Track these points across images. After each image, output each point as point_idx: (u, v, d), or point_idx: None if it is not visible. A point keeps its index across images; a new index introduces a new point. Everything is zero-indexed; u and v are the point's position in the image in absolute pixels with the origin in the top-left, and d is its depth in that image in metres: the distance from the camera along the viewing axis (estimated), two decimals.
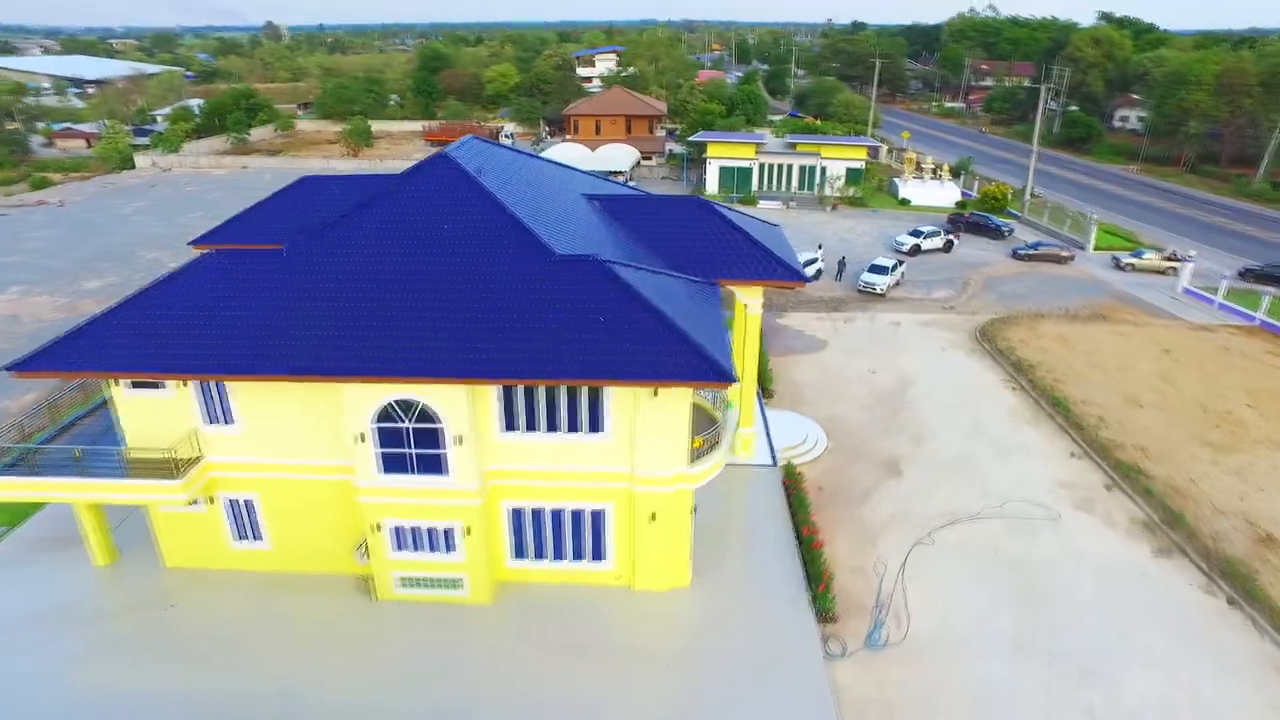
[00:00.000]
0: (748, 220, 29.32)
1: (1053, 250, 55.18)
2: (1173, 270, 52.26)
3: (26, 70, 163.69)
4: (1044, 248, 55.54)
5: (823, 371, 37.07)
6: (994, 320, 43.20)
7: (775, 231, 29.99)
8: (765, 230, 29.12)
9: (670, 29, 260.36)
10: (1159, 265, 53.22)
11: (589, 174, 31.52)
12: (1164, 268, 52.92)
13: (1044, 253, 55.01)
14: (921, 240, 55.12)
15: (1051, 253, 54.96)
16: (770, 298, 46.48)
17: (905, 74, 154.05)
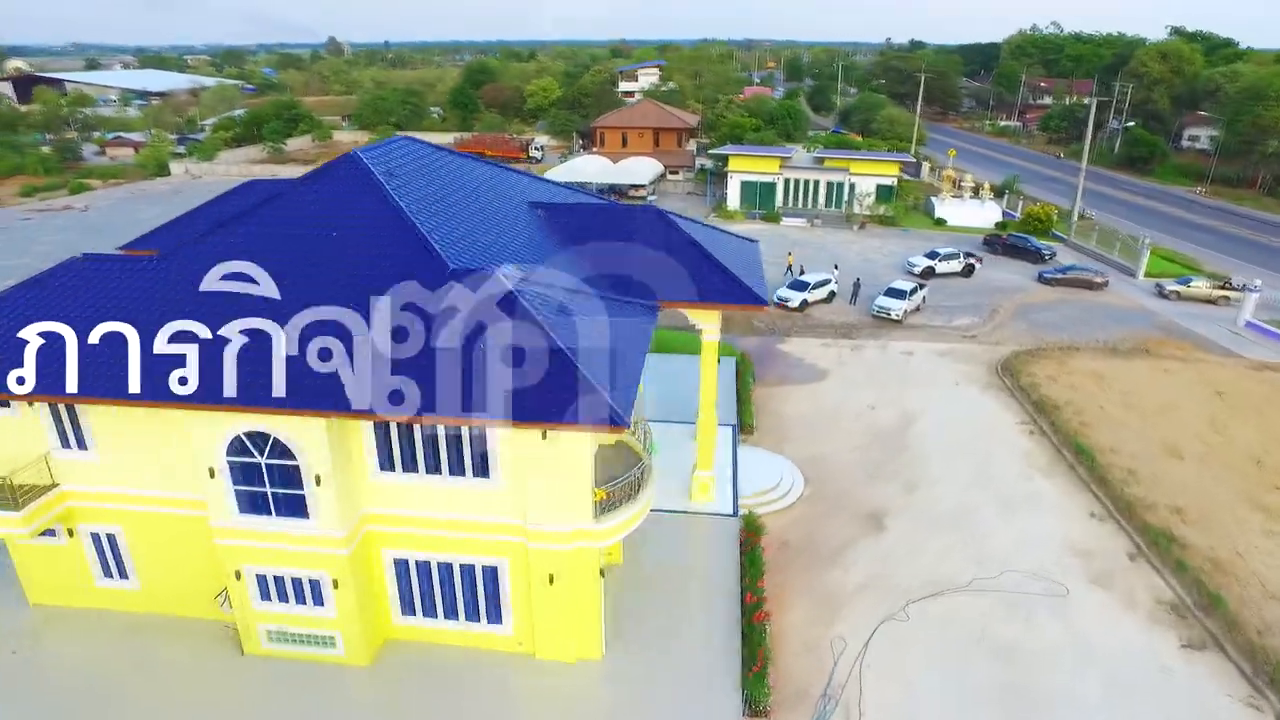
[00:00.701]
0: (717, 236, 26.14)
1: (1084, 275, 50.33)
2: (1225, 300, 46.80)
3: (99, 84, 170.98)
4: (1074, 272, 50.78)
5: (816, 405, 33.32)
6: (1019, 352, 38.69)
7: (748, 249, 26.70)
8: (735, 247, 25.86)
9: (725, 46, 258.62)
10: (1209, 294, 47.85)
11: (566, 185, 29.04)
12: (1215, 296, 47.55)
13: (1073, 277, 50.24)
14: (937, 262, 50.66)
15: (1083, 278, 50.07)
16: (773, 321, 42.95)
17: (958, 92, 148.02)
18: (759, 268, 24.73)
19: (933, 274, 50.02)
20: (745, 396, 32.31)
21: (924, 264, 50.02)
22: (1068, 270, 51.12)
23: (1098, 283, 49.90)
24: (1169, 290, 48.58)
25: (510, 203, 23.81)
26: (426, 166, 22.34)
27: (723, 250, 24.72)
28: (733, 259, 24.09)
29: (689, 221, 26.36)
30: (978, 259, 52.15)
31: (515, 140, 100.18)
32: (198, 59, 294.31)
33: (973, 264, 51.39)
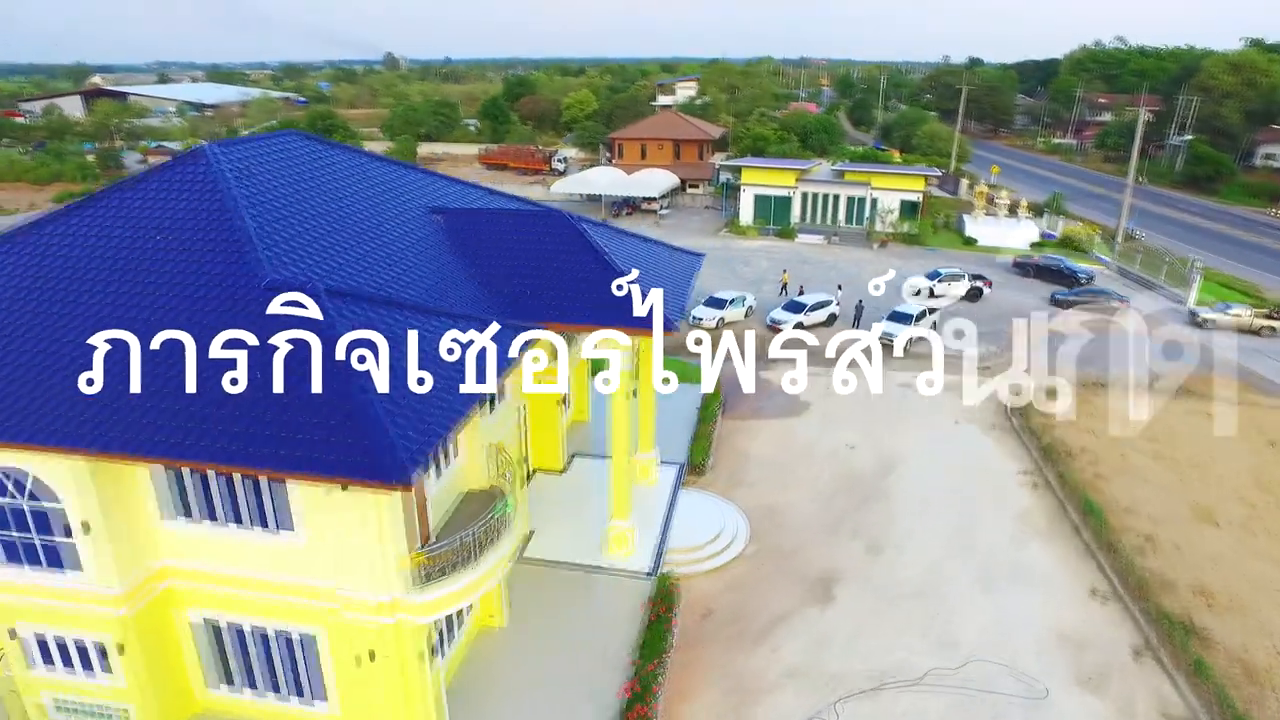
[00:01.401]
0: (648, 250, 22.75)
1: (1099, 298, 45.54)
2: (1271, 330, 41.28)
3: (157, 96, 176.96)
4: (1089, 294, 46.04)
5: (787, 443, 29.44)
6: (1035, 388, 34.01)
7: (684, 265, 23.32)
8: (665, 262, 22.48)
9: (775, 63, 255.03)
10: (1250, 323, 42.37)
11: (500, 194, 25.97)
12: (1258, 326, 42.18)
13: (1088, 300, 45.42)
14: (936, 284, 45.92)
15: (1098, 300, 45.19)
16: (762, 346, 39.04)
17: (1011, 108, 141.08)
18: (685, 287, 21.25)
19: (933, 296, 45.44)
20: (703, 431, 28.63)
21: (924, 285, 45.44)
22: (1082, 292, 46.31)
23: (1115, 306, 44.89)
24: (1203, 317, 43.28)
25: (406, 208, 20.92)
26: (304, 166, 19.56)
27: (649, 264, 21.38)
28: (655, 275, 20.71)
29: (618, 232, 23.14)
30: (986, 282, 47.15)
31: (539, 152, 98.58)
32: (259, 74, 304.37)
33: (979, 288, 46.50)
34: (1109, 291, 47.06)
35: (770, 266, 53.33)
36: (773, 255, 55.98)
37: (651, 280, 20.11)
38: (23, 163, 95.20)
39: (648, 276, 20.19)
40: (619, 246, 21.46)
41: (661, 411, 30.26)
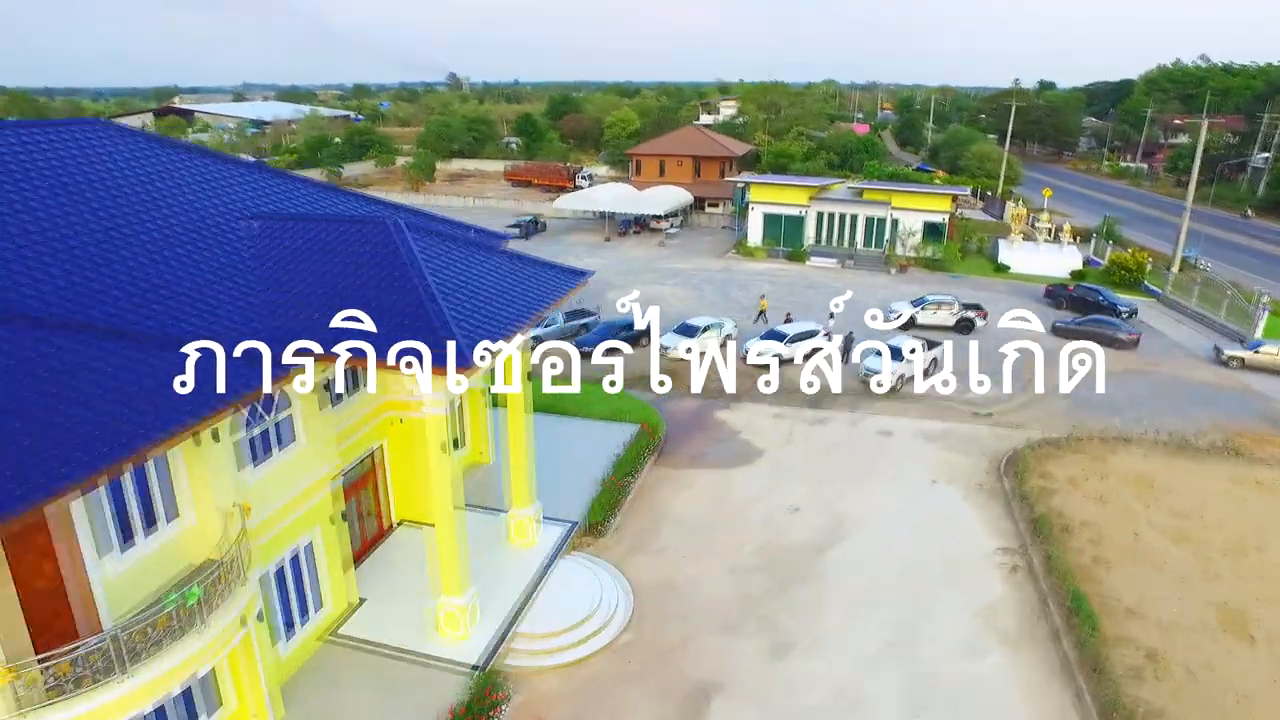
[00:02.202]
0: (491, 267, 18.66)
1: (1104, 327, 39.60)
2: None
3: (219, 113, 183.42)
4: (1092, 323, 40.20)
5: (720, 500, 24.73)
6: (1042, 441, 28.40)
7: (547, 283, 19.14)
8: (516, 281, 18.39)
9: (835, 86, 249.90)
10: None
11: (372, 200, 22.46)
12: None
13: (1090, 329, 39.44)
14: (920, 311, 40.51)
15: (1104, 332, 39.08)
16: (713, 382, 34.45)
17: (1075, 130, 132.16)
18: (522, 313, 17.05)
19: (914, 324, 40.26)
20: (614, 482, 24.19)
21: (907, 312, 40.51)
22: (1085, 321, 40.57)
23: (1123, 339, 38.77)
24: (1228, 355, 36.80)
25: (212, 214, 17.46)
26: (81, 162, 16.30)
27: (490, 285, 17.38)
28: (489, 297, 16.68)
29: (470, 245, 19.20)
30: (980, 312, 41.16)
31: (564, 169, 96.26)
32: (329, 94, 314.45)
33: (970, 318, 40.59)
34: (1116, 323, 40.84)
35: (774, 291, 48.56)
36: (777, 279, 51.21)
37: (474, 303, 16.08)
38: None
39: (470, 299, 16.17)
40: (460, 263, 17.51)
41: (579, 454, 26.18)
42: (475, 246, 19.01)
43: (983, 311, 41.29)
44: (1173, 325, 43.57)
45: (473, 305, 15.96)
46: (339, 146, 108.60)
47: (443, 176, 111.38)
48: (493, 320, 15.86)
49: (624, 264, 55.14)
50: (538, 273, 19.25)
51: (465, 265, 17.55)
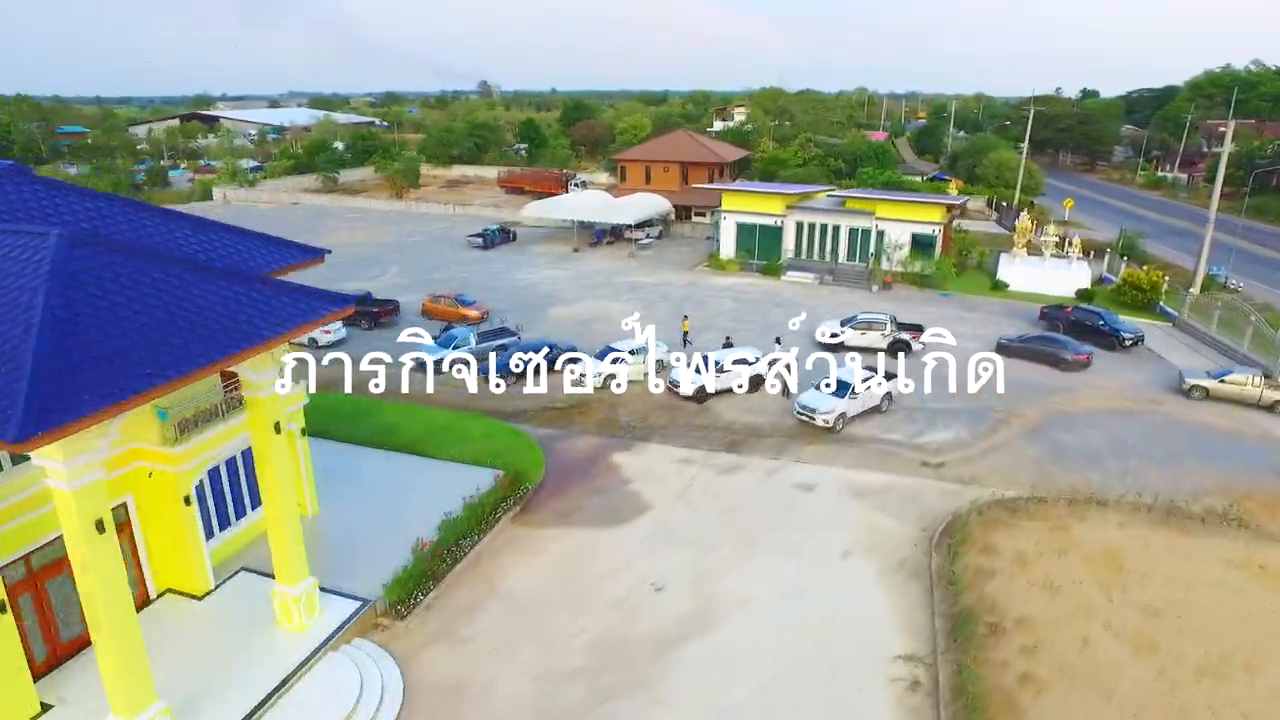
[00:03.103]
0: (196, 292, 14.49)
1: (1050, 348, 35.50)
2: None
3: (242, 119, 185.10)
4: (1038, 341, 36.26)
5: (574, 571, 20.18)
6: (995, 502, 23.27)
7: (281, 313, 14.92)
8: (223, 310, 14.18)
9: (866, 93, 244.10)
10: (1259, 395, 31.02)
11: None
12: (1271, 400, 30.82)
13: (1035, 349, 35.77)
14: (846, 332, 36.30)
15: (1049, 351, 35.38)
16: (645, 414, 29.89)
17: (1108, 139, 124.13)
18: (165, 370, 12.72)
19: (843, 347, 35.80)
20: (434, 550, 19.78)
21: (841, 333, 36.45)
22: (1032, 340, 36.53)
23: (1069, 360, 34.67)
24: (1191, 384, 32.04)
25: None
26: None
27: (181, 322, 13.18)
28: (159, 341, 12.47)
29: (191, 275, 15.04)
30: (915, 335, 36.33)
31: (559, 176, 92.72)
32: (357, 101, 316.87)
33: (905, 340, 35.87)
34: (1064, 341, 36.21)
35: (734, 309, 43.88)
36: (743, 296, 46.41)
37: (119, 348, 11.87)
38: (66, 177, 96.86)
39: (119, 343, 11.97)
40: (144, 294, 13.34)
41: (416, 507, 21.83)
42: (200, 272, 14.82)
43: (917, 334, 36.37)
44: (1185, 355, 37.70)
45: (111, 353, 11.73)
46: (336, 153, 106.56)
47: (441, 182, 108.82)
48: (119, 374, 11.59)
49: (583, 277, 50.90)
50: (273, 304, 14.95)
51: (152, 296, 13.38)
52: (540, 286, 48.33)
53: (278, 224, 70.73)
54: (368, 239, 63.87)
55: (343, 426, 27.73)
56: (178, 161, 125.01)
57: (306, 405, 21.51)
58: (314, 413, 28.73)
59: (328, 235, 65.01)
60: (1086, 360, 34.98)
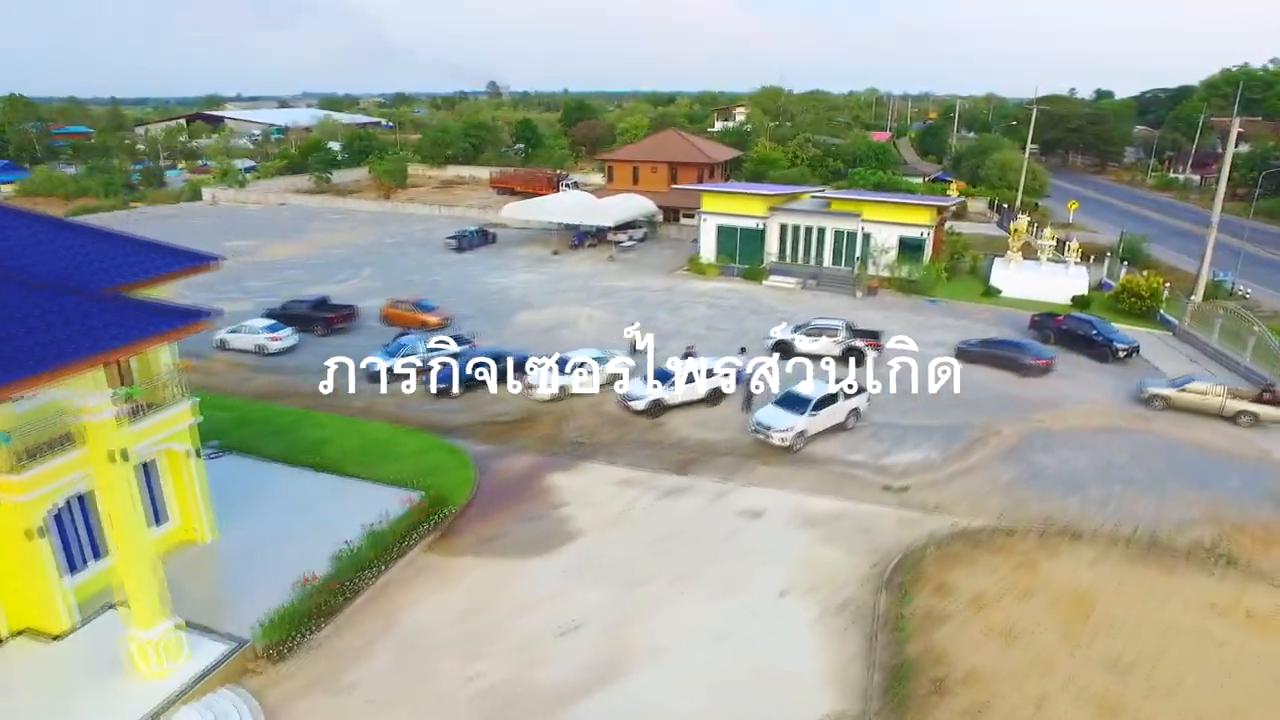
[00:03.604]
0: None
1: (1009, 353, 34.05)
2: (1250, 418, 28.66)
3: (245, 119, 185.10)
4: (997, 347, 34.59)
5: (482, 609, 18.32)
6: (958, 534, 21.21)
7: (87, 334, 13.13)
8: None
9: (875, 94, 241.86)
10: (1221, 405, 29.18)
11: None
12: (1233, 411, 28.96)
13: (993, 353, 34.26)
14: (797, 338, 34.46)
15: (1009, 355, 33.94)
16: (594, 429, 28.04)
17: (1119, 140, 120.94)
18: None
19: (791, 354, 34.06)
20: (328, 584, 17.97)
21: (792, 339, 34.67)
22: (991, 344, 34.91)
23: (1030, 364, 33.11)
24: (1150, 393, 30.33)
25: None
26: None
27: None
28: None
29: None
30: (871, 342, 34.22)
31: (548, 176, 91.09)
32: (367, 102, 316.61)
33: (860, 348, 33.71)
34: (1024, 345, 34.69)
35: (709, 316, 41.93)
36: (719, 302, 44.44)
37: None
38: (60, 178, 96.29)
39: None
40: None
41: (320, 534, 20.03)
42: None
43: (876, 342, 34.33)
44: (1183, 367, 35.35)
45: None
46: (330, 153, 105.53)
47: (436, 183, 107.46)
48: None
49: (557, 281, 49.08)
50: (89, 321, 13.16)
51: None
52: (511, 291, 46.55)
53: (259, 224, 69.54)
54: (347, 240, 62.38)
55: (272, 441, 26.06)
56: (175, 162, 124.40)
57: (199, 423, 19.73)
58: (243, 426, 27.28)
59: (308, 236, 63.65)
60: (1048, 365, 33.23)
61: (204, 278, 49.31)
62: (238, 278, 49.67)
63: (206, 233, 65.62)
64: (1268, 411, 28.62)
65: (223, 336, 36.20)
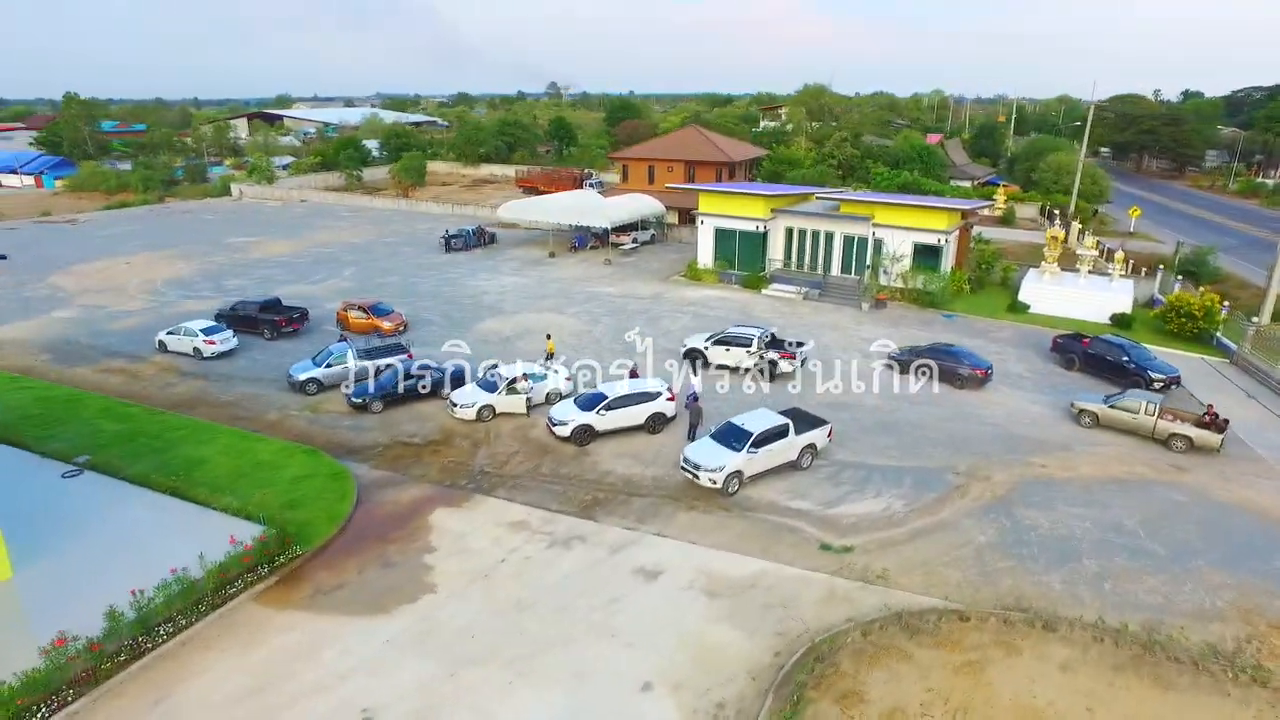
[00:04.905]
0: None
1: (945, 362, 30.68)
2: (1184, 442, 24.83)
3: (301, 118, 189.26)
4: (931, 354, 31.24)
5: (265, 685, 15.04)
6: (891, 617, 16.84)
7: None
8: None
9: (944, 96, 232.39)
10: (1152, 426, 25.73)
11: None
12: (1166, 434, 25.27)
13: (930, 363, 30.93)
14: (710, 347, 31.42)
15: (944, 364, 30.62)
16: (506, 459, 24.61)
17: (1198, 142, 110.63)
18: None
19: (705, 365, 31.35)
20: (91, 645, 14.92)
21: (703, 347, 31.78)
22: (926, 352, 31.50)
23: (966, 375, 30.09)
24: (1079, 408, 27.44)
25: None
26: None
27: None
28: None
29: None
30: (786, 354, 30.61)
31: (573, 175, 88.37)
32: (427, 102, 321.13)
33: (773, 360, 30.35)
34: (959, 352, 31.22)
35: (691, 327, 37.92)
36: (706, 311, 40.33)
37: None
38: (104, 173, 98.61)
39: None
40: None
41: (149, 564, 17.04)
42: None
43: (790, 353, 30.73)
44: (1240, 403, 29.69)
45: None
46: (361, 150, 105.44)
47: (468, 181, 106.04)
48: None
49: (540, 285, 45.79)
50: None
51: None
52: (487, 296, 43.48)
53: (268, 221, 68.53)
54: (343, 239, 60.57)
55: (146, 459, 23.52)
56: (223, 158, 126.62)
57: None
58: (129, 440, 24.79)
59: (308, 234, 62.14)
60: (985, 375, 30.23)
61: (180, 274, 47.90)
62: (217, 276, 48.17)
63: (212, 228, 64.98)
64: (1202, 436, 25.01)
65: (161, 338, 34.20)
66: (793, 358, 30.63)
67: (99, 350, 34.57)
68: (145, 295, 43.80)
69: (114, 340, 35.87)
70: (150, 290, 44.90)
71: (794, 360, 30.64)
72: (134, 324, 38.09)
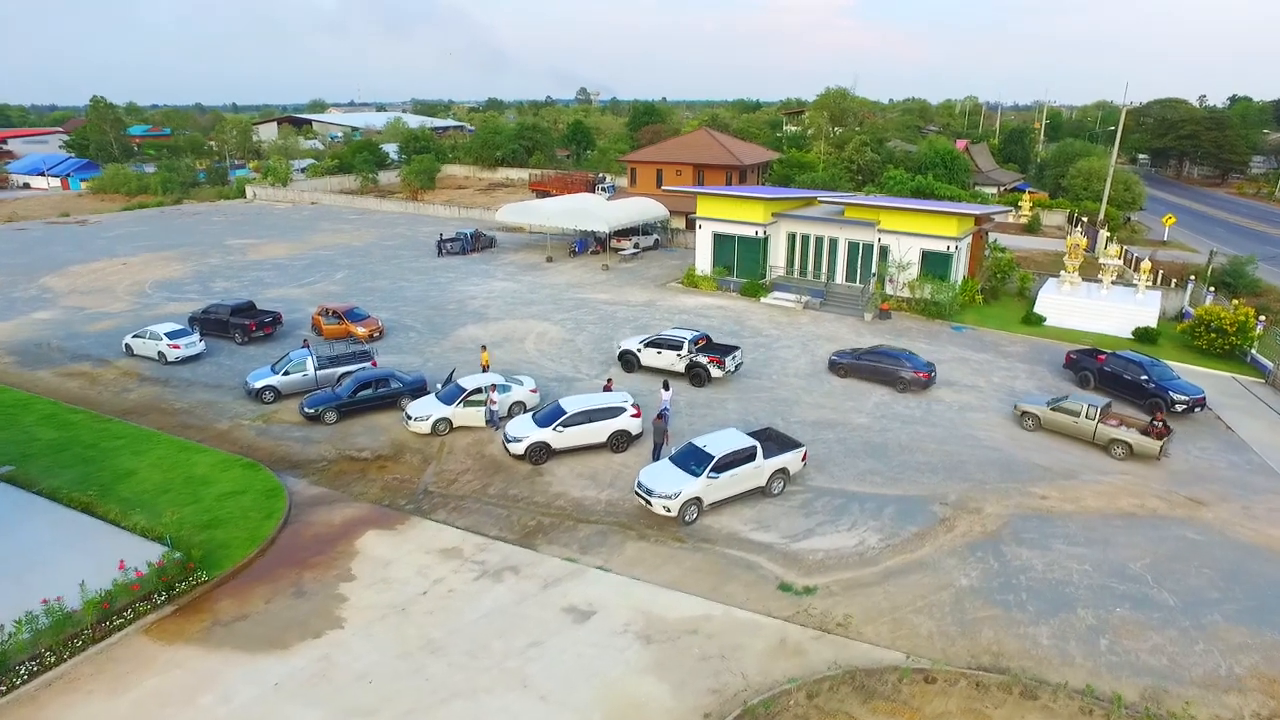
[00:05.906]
0: None
1: (886, 366, 29.77)
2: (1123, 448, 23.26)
3: (328, 122, 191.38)
4: (871, 357, 30.42)
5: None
6: (842, 676, 14.71)
7: None
8: None
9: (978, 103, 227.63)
10: (1092, 430, 24.46)
11: None
12: (1107, 439, 23.91)
13: (870, 366, 30.12)
14: (642, 349, 30.53)
15: (885, 368, 29.75)
16: (453, 479, 22.89)
17: (1243, 147, 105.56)
18: None
19: (636, 365, 30.69)
20: None
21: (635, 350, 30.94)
22: (866, 355, 30.62)
23: (907, 379, 29.11)
24: (1021, 410, 26.61)
25: None
26: None
27: None
28: None
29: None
30: (715, 359, 29.48)
31: (587, 179, 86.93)
32: (457, 107, 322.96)
33: (702, 365, 29.32)
34: (900, 356, 29.96)
35: None
36: (699, 322, 38.12)
37: None
38: (126, 175, 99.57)
39: None
40: None
41: (32, 587, 15.53)
42: None
43: (719, 358, 29.39)
44: (1271, 426, 26.91)
45: None
46: (376, 154, 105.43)
47: (484, 185, 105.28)
48: None
49: (531, 291, 44.16)
50: None
51: None
52: (473, 301, 41.95)
53: (273, 223, 68.00)
54: (343, 242, 59.65)
55: (71, 470, 22.29)
56: (246, 161, 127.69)
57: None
58: (63, 449, 23.53)
59: (309, 237, 61.33)
60: (928, 379, 29.21)
61: (172, 276, 47.15)
62: (208, 278, 47.36)
63: (216, 231, 64.54)
64: (1142, 443, 23.76)
65: (128, 341, 33.17)
66: (721, 364, 29.28)
67: (67, 353, 33.65)
68: (131, 297, 43.02)
69: (86, 343, 34.96)
70: (137, 292, 44.14)
71: (723, 366, 29.30)
72: (110, 326, 37.20)
